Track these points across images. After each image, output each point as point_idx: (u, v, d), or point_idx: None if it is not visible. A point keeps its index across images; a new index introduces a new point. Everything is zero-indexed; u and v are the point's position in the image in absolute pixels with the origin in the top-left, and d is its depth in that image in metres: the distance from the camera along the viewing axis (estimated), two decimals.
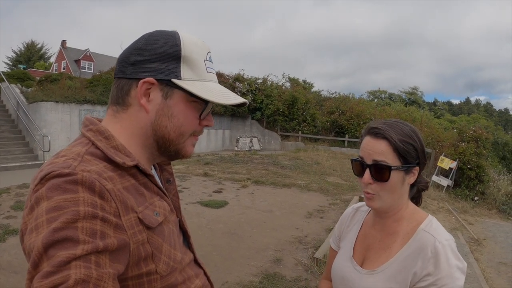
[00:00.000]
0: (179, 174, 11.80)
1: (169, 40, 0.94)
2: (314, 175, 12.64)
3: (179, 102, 0.95)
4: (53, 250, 0.69)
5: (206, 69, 0.99)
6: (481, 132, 14.76)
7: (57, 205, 0.73)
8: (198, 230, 6.29)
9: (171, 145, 0.99)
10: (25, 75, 19.93)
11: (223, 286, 4.29)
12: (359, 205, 1.47)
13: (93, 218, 0.74)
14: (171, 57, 0.93)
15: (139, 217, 0.86)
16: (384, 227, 1.26)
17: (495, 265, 7.00)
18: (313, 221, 7.26)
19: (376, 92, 52.48)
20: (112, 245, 0.75)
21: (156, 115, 0.95)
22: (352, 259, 1.30)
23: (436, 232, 1.15)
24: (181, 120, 0.97)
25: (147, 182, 0.96)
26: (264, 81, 24.82)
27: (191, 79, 0.95)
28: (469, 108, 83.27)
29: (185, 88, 0.93)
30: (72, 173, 0.78)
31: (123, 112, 0.97)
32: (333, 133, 22.91)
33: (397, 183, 1.16)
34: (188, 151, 1.03)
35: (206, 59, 1.00)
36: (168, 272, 0.92)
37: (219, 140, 22.85)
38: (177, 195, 1.17)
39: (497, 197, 13.30)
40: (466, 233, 8.64)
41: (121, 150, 0.92)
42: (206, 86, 0.96)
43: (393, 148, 1.14)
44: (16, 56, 46.15)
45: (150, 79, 0.92)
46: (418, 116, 26.38)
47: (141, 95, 0.93)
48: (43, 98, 14.13)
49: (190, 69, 0.95)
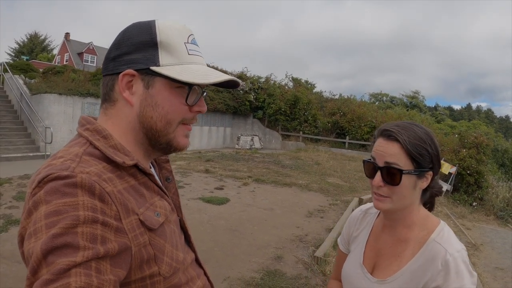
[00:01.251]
0: (180, 170, 11.83)
1: (145, 29, 0.92)
2: (314, 175, 12.69)
3: (161, 90, 0.92)
4: (53, 256, 0.67)
5: (187, 52, 0.94)
6: (482, 139, 14.80)
7: (56, 209, 0.71)
8: (200, 226, 6.34)
9: (160, 136, 0.95)
10: (28, 66, 19.90)
11: (225, 281, 4.35)
12: (367, 206, 1.44)
13: (93, 223, 0.72)
14: (147, 45, 0.91)
15: (140, 219, 0.84)
16: (395, 232, 1.24)
17: (491, 270, 7.04)
18: (314, 220, 7.31)
19: (377, 95, 52.51)
20: (113, 250, 0.74)
21: (141, 106, 0.92)
22: (362, 266, 1.28)
23: (447, 243, 1.12)
24: (166, 108, 0.92)
25: (147, 182, 0.95)
26: (267, 80, 24.85)
27: (170, 64, 0.91)
28: (470, 114, 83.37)
29: (163, 73, 0.89)
30: (71, 176, 0.75)
31: (111, 109, 0.95)
32: (334, 134, 22.94)
33: (408, 187, 1.14)
34: (180, 142, 0.98)
35: (187, 41, 0.95)
36: (171, 273, 0.90)
37: (220, 137, 22.87)
38: (177, 193, 1.15)
39: (495, 203, 13.34)
40: (463, 238, 8.69)
41: (120, 149, 0.90)
42: (188, 69, 0.92)
43: (406, 151, 1.11)
44: (19, 47, 46.07)
45: (130, 70, 0.90)
46: (419, 120, 26.40)
47: (123, 88, 0.92)
48: (46, 90, 14.14)
49: (169, 54, 0.92)
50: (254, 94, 23.58)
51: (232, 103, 22.21)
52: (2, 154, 11.95)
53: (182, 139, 0.98)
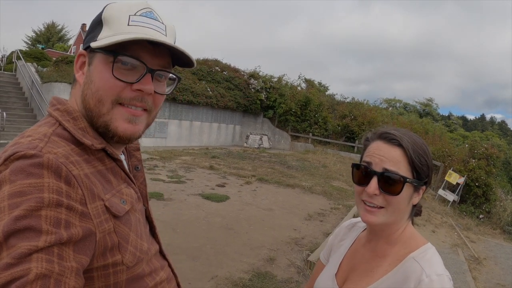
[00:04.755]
0: (184, 165, 11.83)
1: (100, 11, 0.92)
2: (319, 178, 12.57)
3: (97, 65, 0.87)
4: (14, 239, 0.65)
5: (127, 23, 0.88)
6: (492, 150, 14.55)
7: (20, 190, 0.69)
8: (195, 222, 6.28)
9: (94, 117, 0.88)
10: (42, 54, 20.11)
11: (212, 280, 4.27)
12: (357, 220, 1.31)
13: (57, 206, 0.70)
14: (96, 24, 0.91)
15: (105, 205, 0.82)
16: (375, 248, 1.13)
17: (493, 286, 6.87)
18: (312, 223, 7.20)
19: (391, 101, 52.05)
20: (76, 235, 0.71)
21: (84, 85, 0.90)
22: (334, 278, 1.19)
23: (427, 263, 0.99)
24: (96, 83, 0.87)
25: (114, 167, 0.92)
26: (279, 80, 24.75)
27: (105, 37, 0.87)
28: (483, 125, 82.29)
29: (92, 46, 0.86)
30: (38, 155, 0.73)
31: (73, 89, 0.95)
32: (343, 137, 22.77)
33: (405, 199, 1.03)
34: (119, 127, 0.89)
35: (134, 14, 0.89)
36: (135, 263, 0.88)
37: (229, 135, 22.84)
38: (145, 183, 1.11)
39: (503, 217, 13.09)
40: (466, 250, 8.51)
41: (89, 132, 0.87)
42: (115, 38, 0.85)
43: (408, 159, 1.02)
44: (36, 36, 46.52)
45: (81, 50, 0.91)
46: (432, 129, 26.12)
47: (77, 69, 0.92)
48: (57, 79, 14.30)
49: (108, 28, 0.88)
50: (265, 93, 23.49)
51: (243, 101, 22.14)
52: (10, 140, 12.00)
53: (121, 123, 0.88)
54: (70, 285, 0.67)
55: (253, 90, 23.06)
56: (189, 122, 19.20)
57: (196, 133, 19.86)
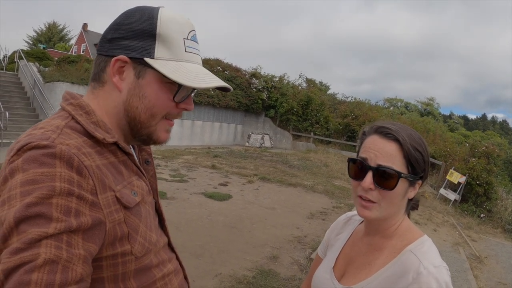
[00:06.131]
0: (187, 164, 11.85)
1: (146, 17, 0.90)
2: (321, 177, 12.61)
3: (151, 82, 0.91)
4: (25, 225, 0.67)
5: (185, 48, 0.93)
6: (493, 149, 14.55)
7: (33, 178, 0.71)
8: (199, 220, 6.32)
9: (142, 128, 0.95)
10: (44, 54, 20.09)
11: (216, 277, 4.31)
12: (353, 213, 1.33)
13: (68, 195, 0.73)
14: (146, 34, 0.90)
15: (116, 196, 0.84)
16: (372, 241, 1.15)
17: (494, 284, 6.90)
18: (315, 222, 7.24)
19: (392, 100, 52.01)
20: (86, 223, 0.74)
21: (128, 94, 0.92)
22: (332, 271, 1.21)
23: (424, 255, 1.01)
24: (152, 101, 0.92)
25: (126, 160, 0.95)
26: (280, 79, 24.74)
27: (165, 58, 0.90)
28: (485, 124, 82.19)
29: (156, 68, 0.89)
30: (51, 146, 0.75)
31: (99, 89, 0.95)
32: (345, 137, 22.76)
33: (400, 194, 1.04)
34: (161, 137, 0.98)
35: (187, 37, 0.94)
36: (143, 253, 0.90)
37: (231, 134, 22.86)
38: (155, 177, 1.15)
39: (504, 216, 13.07)
40: (468, 249, 8.53)
41: (101, 126, 0.90)
42: (181, 67, 0.91)
43: (404, 154, 1.02)
44: (37, 36, 46.48)
45: (123, 57, 0.90)
46: (433, 128, 26.08)
47: (114, 73, 0.91)
48: (59, 78, 14.31)
49: (166, 48, 0.91)
50: (267, 93, 23.49)
51: (245, 101, 22.15)
52: (12, 139, 12.07)
53: (162, 133, 0.98)
54: (77, 271, 0.69)
55: (254, 90, 23.05)
56: (191, 121, 19.22)
57: (198, 133, 19.88)
